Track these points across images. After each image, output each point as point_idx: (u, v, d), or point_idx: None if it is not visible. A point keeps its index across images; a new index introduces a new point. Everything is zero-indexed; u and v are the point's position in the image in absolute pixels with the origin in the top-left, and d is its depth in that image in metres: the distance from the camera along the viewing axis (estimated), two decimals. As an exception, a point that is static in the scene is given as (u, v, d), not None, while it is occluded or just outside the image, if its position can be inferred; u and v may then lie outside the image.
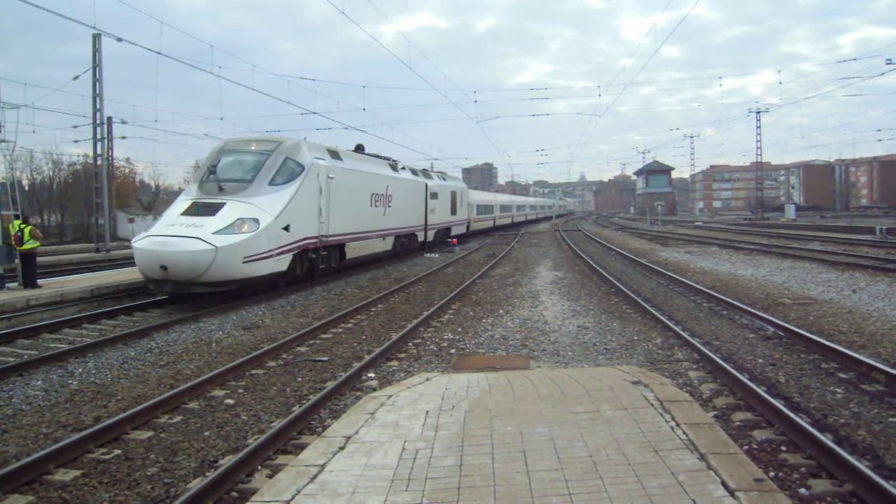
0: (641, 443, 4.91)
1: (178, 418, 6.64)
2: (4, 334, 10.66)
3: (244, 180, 15.16)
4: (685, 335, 9.57)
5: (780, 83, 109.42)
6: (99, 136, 29.27)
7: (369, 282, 18.52)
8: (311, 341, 10.32)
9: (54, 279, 17.35)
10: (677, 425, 5.26)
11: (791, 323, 10.33)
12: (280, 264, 14.96)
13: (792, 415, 5.74)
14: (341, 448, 5.09)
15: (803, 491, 4.58)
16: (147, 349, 9.85)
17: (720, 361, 7.81)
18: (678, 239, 35.89)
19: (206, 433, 6.21)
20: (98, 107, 28.31)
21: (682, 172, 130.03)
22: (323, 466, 4.73)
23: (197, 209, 14.33)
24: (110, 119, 32.49)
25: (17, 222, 15.60)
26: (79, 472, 5.28)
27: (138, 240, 13.99)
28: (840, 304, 12.51)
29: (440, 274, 20.50)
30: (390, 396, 6.52)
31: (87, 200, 44.71)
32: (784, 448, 5.37)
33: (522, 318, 11.82)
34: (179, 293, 13.93)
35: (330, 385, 7.49)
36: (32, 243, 15.27)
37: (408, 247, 26.71)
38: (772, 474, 4.77)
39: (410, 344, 9.91)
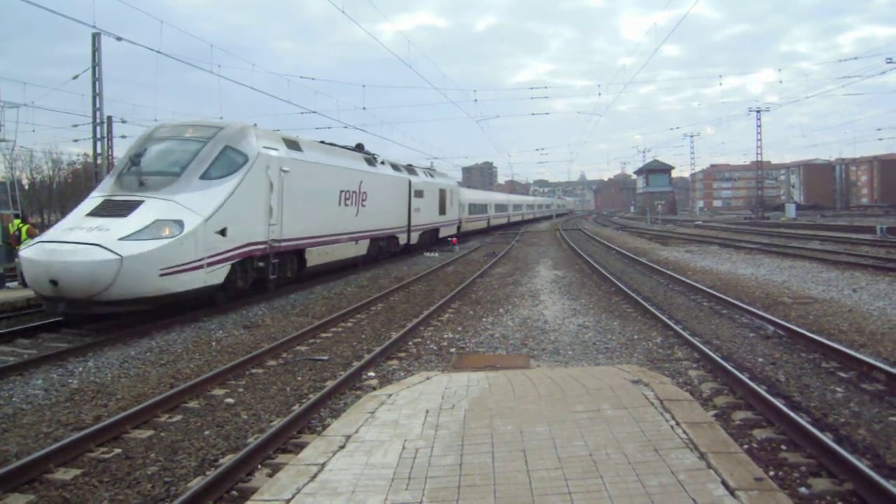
0: (641, 442, 4.91)
1: (178, 417, 6.65)
2: (4, 333, 10.67)
3: (171, 173, 12.31)
4: (685, 334, 9.57)
5: (781, 82, 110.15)
6: (99, 136, 29.21)
7: (369, 281, 18.53)
8: (311, 340, 10.32)
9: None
10: (677, 424, 5.26)
11: (791, 322, 10.33)
12: (214, 276, 12.31)
13: (792, 414, 5.74)
14: (341, 447, 5.10)
15: (803, 490, 4.58)
16: (147, 348, 9.85)
17: (720, 360, 7.81)
18: (678, 238, 35.89)
19: (207, 432, 6.21)
20: (98, 106, 28.27)
21: (682, 172, 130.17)
22: (323, 465, 4.73)
23: (106, 208, 11.53)
24: (110, 118, 32.44)
25: (16, 221, 15.64)
26: (79, 471, 5.28)
27: (28, 246, 11.28)
28: (840, 303, 12.51)
29: (440, 273, 20.50)
30: (390, 395, 6.52)
31: (87, 200, 44.64)
32: (784, 447, 5.37)
33: (522, 317, 11.82)
34: (78, 314, 11.06)
35: (330, 384, 7.50)
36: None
37: (387, 251, 24.38)
38: (772, 473, 4.77)
39: (410, 343, 9.91)
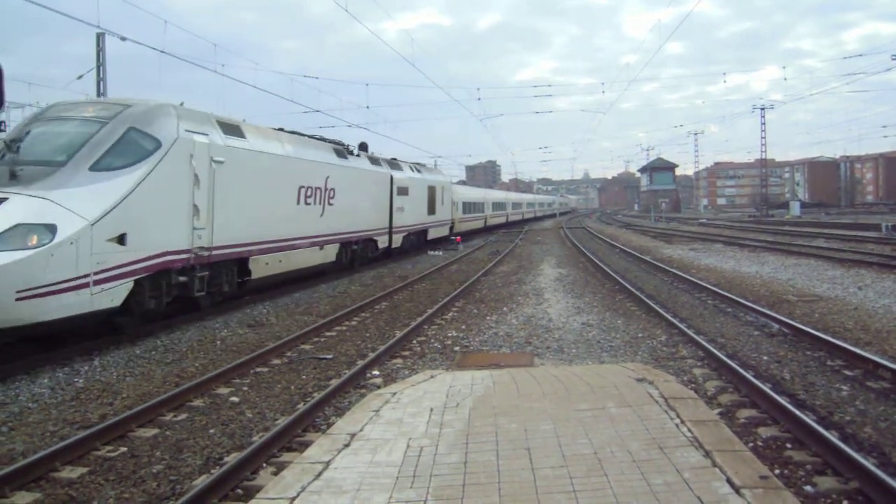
0: (646, 440, 4.91)
1: (183, 416, 6.67)
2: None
3: (53, 162, 9.55)
4: (690, 332, 9.55)
5: (785, 79, 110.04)
6: (103, 135, 29.24)
7: (373, 279, 18.54)
8: (316, 339, 10.34)
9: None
10: (682, 422, 5.25)
11: (796, 320, 10.30)
12: (107, 298, 9.42)
13: (797, 412, 5.73)
14: (346, 445, 5.11)
15: (809, 488, 4.57)
16: (152, 347, 9.87)
17: (725, 359, 7.79)
18: (682, 236, 35.80)
19: (212, 431, 6.23)
20: (102, 105, 28.27)
21: (686, 169, 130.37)
22: (328, 464, 4.74)
23: None
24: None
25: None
26: (85, 470, 5.31)
27: None
28: (845, 301, 12.46)
29: (444, 271, 20.50)
30: (395, 394, 6.53)
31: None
32: (789, 445, 5.36)
33: (526, 315, 11.81)
34: None
35: (334, 383, 7.51)
36: None
37: (363, 256, 21.45)
38: (777, 472, 4.77)
39: (415, 341, 9.92)
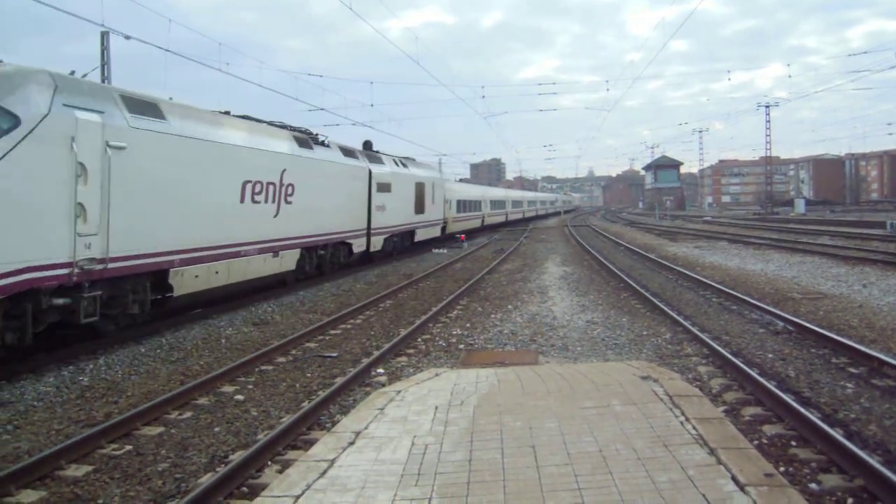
0: (651, 438, 4.90)
1: (188, 414, 6.69)
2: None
3: None
4: (694, 330, 9.54)
5: (790, 77, 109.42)
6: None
7: (378, 278, 18.56)
8: (320, 337, 10.35)
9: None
10: (687, 420, 5.24)
11: (801, 318, 10.27)
12: None
13: (802, 410, 5.72)
14: (351, 443, 5.12)
15: (814, 486, 4.56)
16: (157, 346, 9.90)
17: (729, 356, 7.78)
18: (687, 234, 35.72)
19: (216, 429, 6.25)
20: (107, 105, 28.31)
21: (690, 167, 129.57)
22: (333, 461, 4.75)
23: None
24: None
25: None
26: (90, 468, 5.33)
27: None
28: (850, 298, 12.42)
29: (448, 270, 20.50)
30: (399, 392, 6.53)
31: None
32: (794, 443, 5.35)
33: (531, 313, 11.80)
34: None
35: (339, 381, 7.52)
36: None
37: (334, 261, 18.46)
38: (782, 469, 4.76)
39: (419, 339, 9.92)
